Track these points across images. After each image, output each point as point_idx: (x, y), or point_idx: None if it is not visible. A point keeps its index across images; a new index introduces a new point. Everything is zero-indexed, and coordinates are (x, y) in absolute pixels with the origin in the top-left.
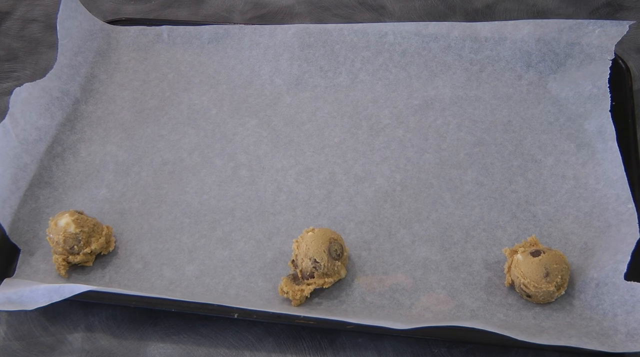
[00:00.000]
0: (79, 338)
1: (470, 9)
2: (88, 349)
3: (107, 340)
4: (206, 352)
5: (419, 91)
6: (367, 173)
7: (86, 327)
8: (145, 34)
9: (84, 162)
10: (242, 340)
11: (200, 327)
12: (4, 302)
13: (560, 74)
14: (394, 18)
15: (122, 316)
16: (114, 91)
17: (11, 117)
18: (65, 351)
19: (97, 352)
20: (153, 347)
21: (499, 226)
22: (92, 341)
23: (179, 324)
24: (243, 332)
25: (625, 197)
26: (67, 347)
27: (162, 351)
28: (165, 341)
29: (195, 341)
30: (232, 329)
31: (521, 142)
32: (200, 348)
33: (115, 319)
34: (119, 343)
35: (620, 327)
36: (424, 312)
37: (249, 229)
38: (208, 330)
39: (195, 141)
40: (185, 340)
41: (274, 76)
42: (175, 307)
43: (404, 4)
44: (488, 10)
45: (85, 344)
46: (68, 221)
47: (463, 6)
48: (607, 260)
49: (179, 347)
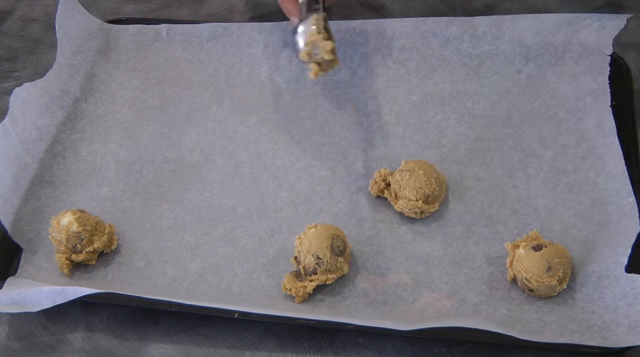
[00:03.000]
0: (80, 338)
1: (470, 8)
2: (88, 349)
3: (108, 340)
4: (206, 352)
5: (418, 86)
6: (368, 170)
7: (86, 327)
8: (144, 33)
9: (85, 161)
10: (242, 340)
11: (200, 327)
12: (8, 304)
13: (558, 68)
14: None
15: (122, 316)
16: (114, 90)
17: (11, 117)
18: (65, 350)
19: (97, 352)
20: (153, 347)
21: (500, 221)
22: (92, 340)
23: (179, 324)
24: (243, 332)
25: (625, 191)
26: (67, 347)
27: (163, 351)
28: (165, 341)
29: (195, 340)
30: (233, 328)
31: (521, 137)
32: (200, 348)
33: (115, 319)
34: (119, 343)
35: (622, 319)
36: (426, 307)
37: (251, 226)
38: (208, 330)
39: (196, 139)
40: (186, 340)
41: (274, 74)
42: (176, 307)
43: (404, 3)
44: (488, 10)
45: (86, 344)
46: (70, 219)
47: (463, 6)
48: (608, 253)
49: (179, 347)
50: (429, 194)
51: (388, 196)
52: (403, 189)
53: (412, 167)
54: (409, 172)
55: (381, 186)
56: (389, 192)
